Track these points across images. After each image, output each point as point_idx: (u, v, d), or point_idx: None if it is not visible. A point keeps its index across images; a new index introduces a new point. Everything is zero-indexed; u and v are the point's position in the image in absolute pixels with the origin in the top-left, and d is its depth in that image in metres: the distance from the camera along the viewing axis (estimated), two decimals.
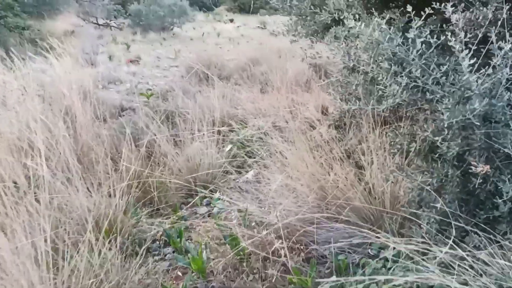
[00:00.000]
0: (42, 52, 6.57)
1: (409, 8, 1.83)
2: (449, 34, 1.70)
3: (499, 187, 1.70)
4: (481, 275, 1.51)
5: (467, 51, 1.67)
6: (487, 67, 1.71)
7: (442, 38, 1.77)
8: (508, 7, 1.84)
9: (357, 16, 2.24)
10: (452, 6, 1.77)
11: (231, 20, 18.25)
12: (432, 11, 1.86)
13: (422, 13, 1.84)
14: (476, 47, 1.71)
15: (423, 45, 1.78)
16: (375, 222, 2.32)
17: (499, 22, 1.83)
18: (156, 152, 3.21)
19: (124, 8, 16.07)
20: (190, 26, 15.45)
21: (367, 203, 2.29)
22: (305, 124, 4.55)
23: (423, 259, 1.60)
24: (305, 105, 4.97)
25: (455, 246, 1.56)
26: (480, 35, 1.83)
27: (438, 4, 1.84)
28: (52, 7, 13.51)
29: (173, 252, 2.51)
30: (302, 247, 2.28)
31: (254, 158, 3.42)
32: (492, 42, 1.70)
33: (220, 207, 2.82)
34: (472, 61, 1.66)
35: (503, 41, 1.70)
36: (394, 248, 1.70)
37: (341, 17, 2.43)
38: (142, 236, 2.57)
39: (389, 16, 2.41)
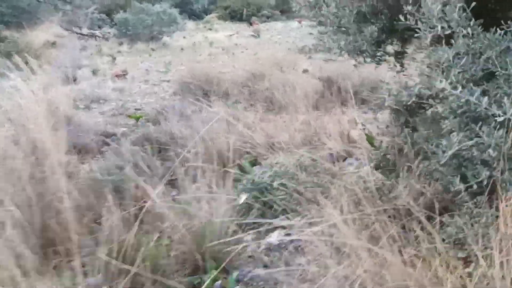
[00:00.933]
0: (17, 67, 5.76)
1: None
2: None
3: None
4: None
5: None
6: None
7: None
8: None
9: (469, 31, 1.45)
10: None
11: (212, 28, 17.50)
12: None
13: None
14: None
15: None
16: None
17: None
18: (150, 212, 2.39)
19: (109, 17, 15.24)
20: (180, 35, 14.64)
21: None
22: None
23: None
24: (324, 131, 4.18)
25: None
26: None
27: None
28: (32, 16, 12.64)
29: None
30: None
31: (277, 211, 2.62)
32: None
33: None
34: None
35: None
36: None
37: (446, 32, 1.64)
38: None
39: None
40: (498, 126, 1.62)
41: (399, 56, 2.69)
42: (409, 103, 2.14)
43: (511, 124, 1.58)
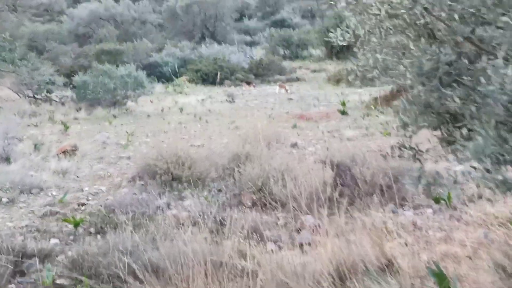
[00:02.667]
0: None
1: None
2: None
3: None
4: None
5: None
6: None
7: None
8: None
9: None
10: None
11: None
12: None
13: None
14: None
15: None
16: None
17: None
18: None
19: (70, 80, 13.81)
20: (147, 99, 13.30)
21: None
22: None
23: None
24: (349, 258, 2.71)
25: None
26: None
27: None
28: None
29: None
30: None
31: None
32: None
33: None
34: None
35: None
36: None
37: None
38: None
39: None
40: None
41: None
42: None
43: None
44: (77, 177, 5.41)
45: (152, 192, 4.69)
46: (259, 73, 19.80)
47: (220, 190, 4.84)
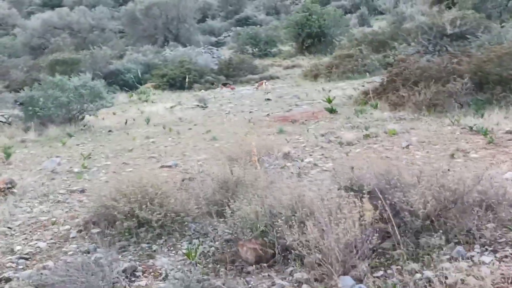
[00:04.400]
0: None
1: None
2: None
3: None
4: None
5: None
6: None
7: None
8: None
9: None
10: None
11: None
12: None
13: None
14: None
15: None
16: None
17: None
18: None
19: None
20: (109, 111, 11.79)
21: None
22: None
23: None
24: None
25: None
26: None
27: None
28: None
29: None
30: None
31: None
32: None
33: None
34: None
35: None
36: None
37: None
38: None
39: None
40: None
41: None
42: None
43: None
44: (9, 228, 3.99)
45: (110, 248, 3.34)
46: (230, 73, 18.47)
47: (205, 235, 3.53)
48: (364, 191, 2.92)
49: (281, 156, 5.85)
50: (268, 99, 12.81)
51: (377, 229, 2.66)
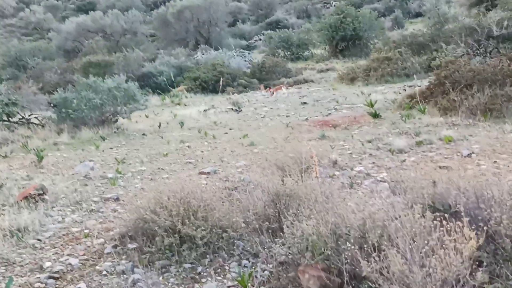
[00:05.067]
0: None
1: None
2: None
3: None
4: None
5: None
6: None
7: None
8: None
9: None
10: None
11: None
12: None
13: None
14: None
15: None
16: None
17: None
18: None
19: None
20: (142, 114, 11.56)
21: None
22: None
23: None
24: None
25: None
26: None
27: None
28: None
29: None
30: None
31: None
32: None
33: None
34: None
35: None
36: None
37: None
38: None
39: None
40: None
41: None
42: None
43: None
44: (39, 240, 3.65)
45: (149, 268, 2.95)
46: (263, 77, 18.07)
47: (255, 255, 3.10)
48: (451, 212, 2.43)
49: (330, 165, 5.38)
50: (305, 103, 12.34)
51: (477, 261, 2.17)
